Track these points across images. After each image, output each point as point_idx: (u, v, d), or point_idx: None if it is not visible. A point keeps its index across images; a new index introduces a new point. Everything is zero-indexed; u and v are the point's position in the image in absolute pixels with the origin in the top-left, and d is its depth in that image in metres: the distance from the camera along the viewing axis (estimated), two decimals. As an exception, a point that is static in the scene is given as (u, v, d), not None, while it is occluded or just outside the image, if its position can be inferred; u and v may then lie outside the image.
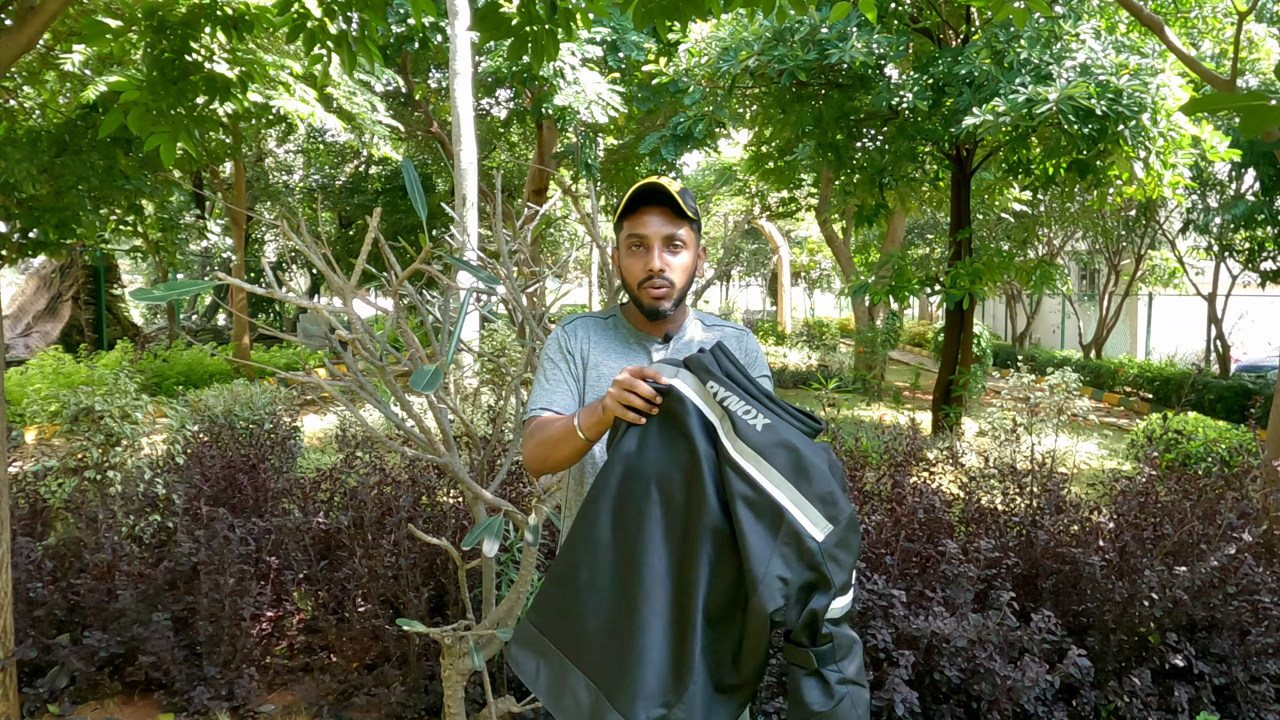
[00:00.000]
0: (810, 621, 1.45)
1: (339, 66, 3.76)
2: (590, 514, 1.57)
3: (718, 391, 1.55)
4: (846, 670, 1.49)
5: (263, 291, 2.11)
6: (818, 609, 1.45)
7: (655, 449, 1.55)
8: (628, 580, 1.52)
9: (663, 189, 1.74)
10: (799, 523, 1.46)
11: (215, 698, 3.26)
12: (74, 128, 9.42)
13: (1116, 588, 3.02)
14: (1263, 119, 1.24)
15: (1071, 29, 7.10)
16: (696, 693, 1.46)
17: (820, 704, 1.47)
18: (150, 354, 13.03)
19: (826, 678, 1.47)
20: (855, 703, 1.49)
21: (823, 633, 1.47)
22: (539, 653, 1.59)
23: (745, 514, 1.47)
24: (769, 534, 1.46)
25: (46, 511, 4.12)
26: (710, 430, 1.54)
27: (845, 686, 1.48)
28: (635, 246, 1.79)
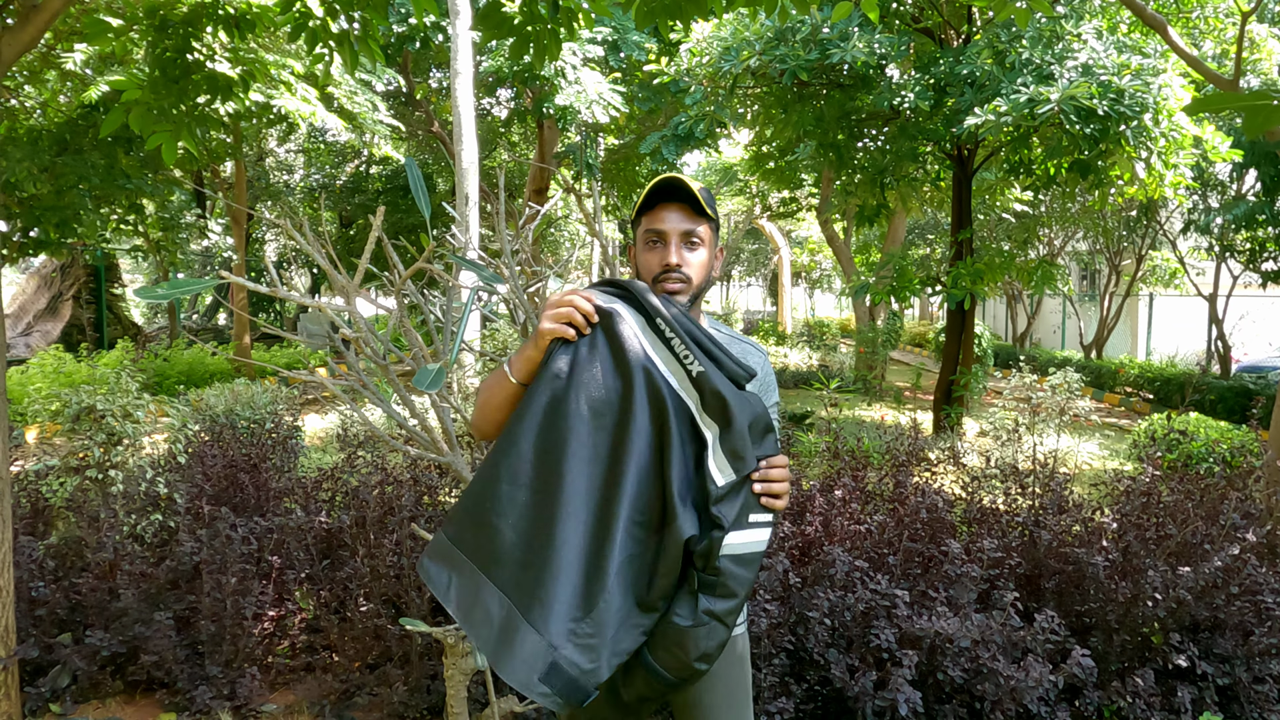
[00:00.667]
0: (707, 551, 1.56)
1: (340, 66, 3.76)
2: (514, 431, 1.59)
3: (664, 329, 1.62)
4: (716, 606, 1.57)
5: (266, 290, 2.10)
6: (715, 539, 1.55)
7: (590, 371, 1.60)
8: (548, 496, 1.55)
9: (682, 184, 1.73)
10: (710, 466, 1.57)
11: (217, 697, 3.26)
12: (75, 127, 9.42)
13: (1120, 588, 3.02)
14: (1266, 119, 1.23)
15: (1073, 29, 7.09)
16: (608, 610, 1.51)
17: (684, 619, 1.57)
18: (151, 353, 13.03)
19: (699, 601, 1.57)
20: (711, 634, 1.57)
21: (714, 564, 1.56)
22: (451, 565, 1.58)
23: (676, 446, 1.56)
24: (692, 468, 1.58)
25: (48, 510, 4.12)
26: (649, 361, 1.61)
27: (708, 618, 1.56)
28: (653, 242, 1.76)
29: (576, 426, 1.57)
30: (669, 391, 1.60)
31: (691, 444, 1.59)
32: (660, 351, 1.63)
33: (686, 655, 1.56)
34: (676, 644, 1.56)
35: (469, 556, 1.57)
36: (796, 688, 2.90)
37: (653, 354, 1.62)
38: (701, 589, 1.56)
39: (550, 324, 1.62)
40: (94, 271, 15.79)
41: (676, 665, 1.57)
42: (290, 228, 2.15)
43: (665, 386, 1.60)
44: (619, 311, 1.63)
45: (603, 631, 1.51)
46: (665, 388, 1.60)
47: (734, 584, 1.58)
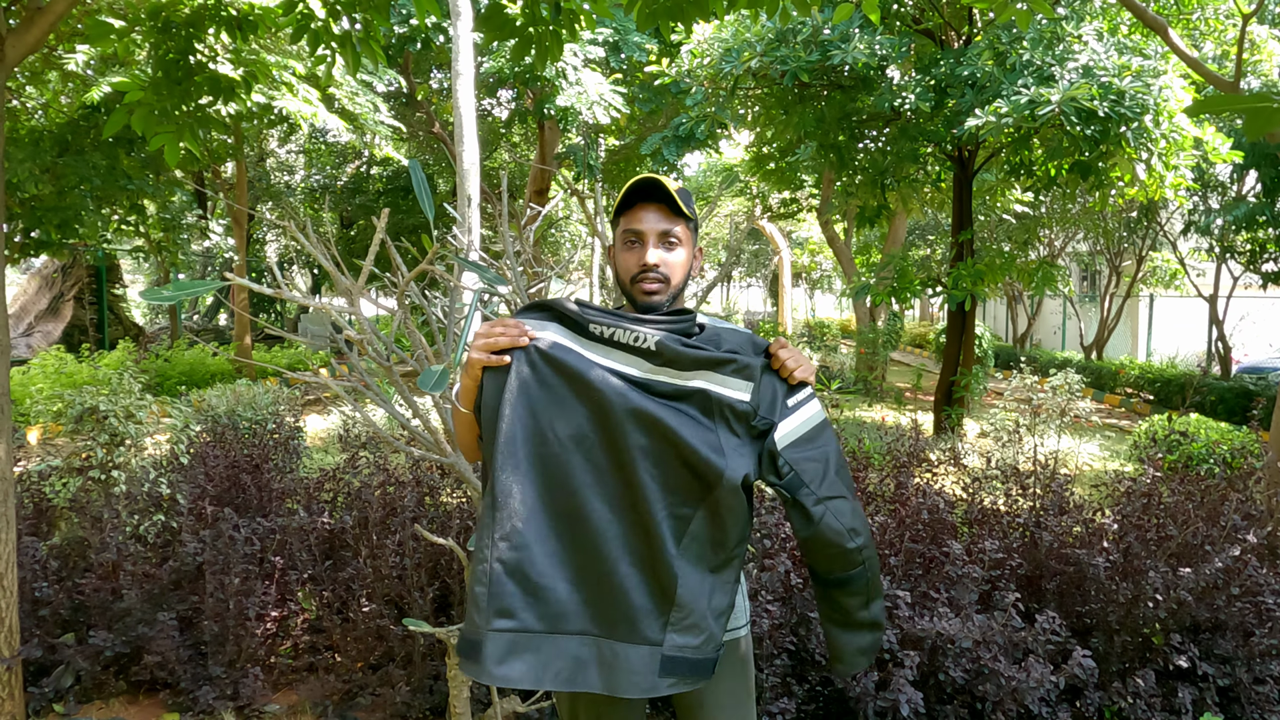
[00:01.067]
0: (770, 461, 1.61)
1: (342, 67, 3.77)
2: (514, 494, 1.55)
3: (601, 330, 1.61)
4: (820, 491, 1.62)
5: (269, 291, 2.11)
6: (771, 449, 1.60)
7: (553, 407, 1.58)
8: (579, 533, 1.55)
9: (659, 184, 1.72)
10: (726, 395, 1.59)
11: (220, 697, 3.27)
12: (76, 128, 9.43)
13: (1120, 589, 3.03)
14: (1267, 121, 1.24)
15: (1074, 30, 7.10)
16: (688, 589, 1.55)
17: (803, 529, 1.63)
18: (152, 354, 13.04)
19: (803, 502, 1.61)
20: (837, 514, 1.63)
21: (779, 465, 1.61)
22: (522, 651, 1.53)
23: (674, 418, 1.56)
24: (705, 420, 1.58)
25: (51, 511, 4.13)
26: (601, 369, 1.59)
27: (821, 505, 1.62)
28: (631, 242, 1.76)
29: (569, 460, 1.56)
30: (635, 384, 1.59)
31: (692, 405, 1.59)
32: (607, 351, 1.61)
33: (843, 540, 1.63)
34: (819, 547, 1.64)
35: (543, 627, 1.54)
36: (798, 688, 2.91)
37: (601, 359, 1.60)
38: (790, 488, 1.62)
39: (478, 354, 1.61)
40: (95, 272, 15.80)
41: (843, 556, 1.64)
42: (294, 229, 2.16)
43: (628, 384, 1.58)
44: (554, 339, 1.61)
45: (693, 607, 1.55)
46: (629, 385, 1.58)
47: (810, 463, 1.63)
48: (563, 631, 1.54)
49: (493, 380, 1.61)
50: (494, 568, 1.53)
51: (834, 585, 1.70)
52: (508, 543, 1.53)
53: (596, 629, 1.54)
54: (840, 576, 1.68)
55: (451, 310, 2.56)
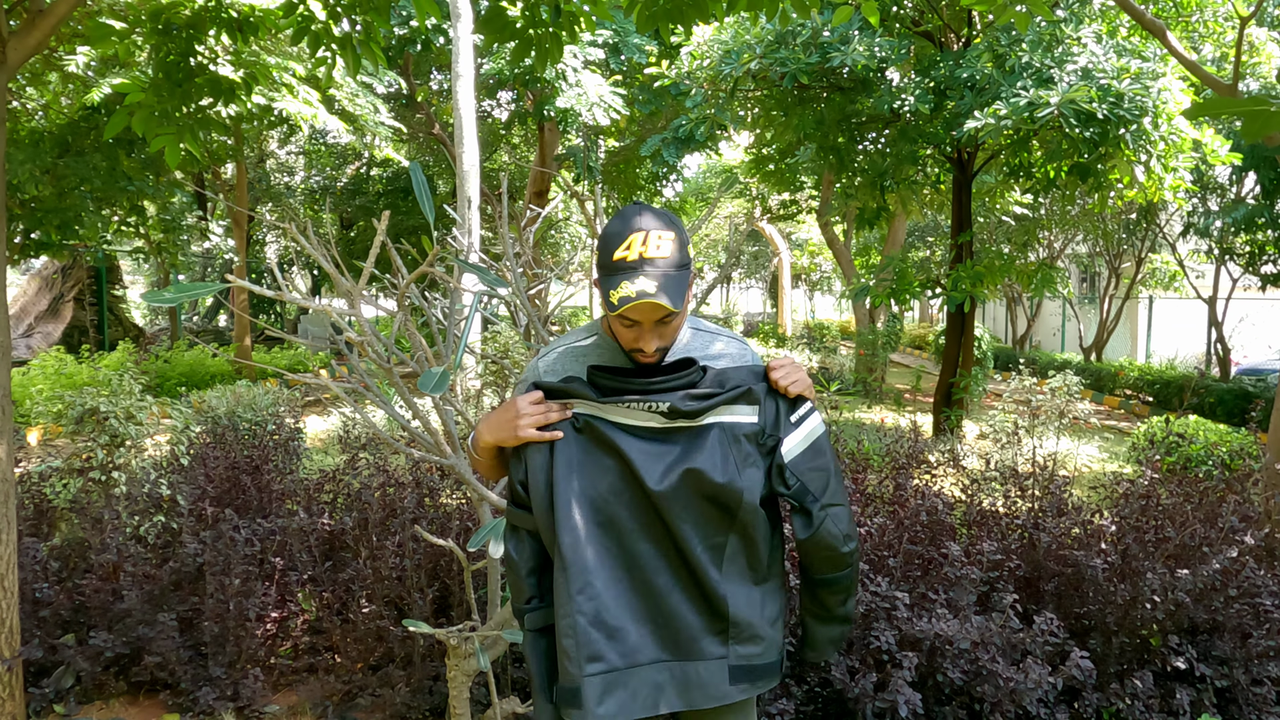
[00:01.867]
0: (779, 473, 1.73)
1: (343, 69, 3.78)
2: (579, 553, 1.67)
3: (614, 399, 1.71)
4: (822, 496, 1.75)
5: (270, 294, 2.12)
6: (780, 463, 1.73)
7: (589, 468, 1.70)
8: (636, 577, 1.71)
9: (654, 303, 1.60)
10: (736, 423, 1.71)
11: (220, 698, 3.27)
12: (77, 129, 9.44)
13: (1118, 590, 3.03)
14: (1265, 124, 1.24)
15: (1073, 33, 7.11)
16: (739, 606, 1.71)
17: (803, 532, 1.75)
18: (152, 355, 13.05)
19: (809, 509, 1.74)
20: (835, 520, 1.76)
21: (787, 477, 1.73)
22: (614, 688, 1.67)
23: (691, 459, 1.67)
24: (719, 449, 1.69)
25: (51, 512, 4.14)
26: (621, 427, 1.70)
27: (824, 511, 1.75)
28: (626, 325, 1.67)
29: (615, 513, 1.69)
30: (655, 433, 1.70)
31: (707, 439, 1.69)
32: (626, 412, 1.70)
33: (838, 545, 1.75)
34: (817, 549, 1.76)
35: (625, 664, 1.68)
36: (797, 689, 2.91)
37: (622, 418, 1.70)
38: (798, 497, 1.74)
39: (531, 430, 1.69)
40: (95, 273, 15.81)
41: (835, 558, 1.77)
42: (294, 230, 2.17)
43: (647, 437, 1.70)
44: (580, 409, 1.73)
45: (749, 620, 1.72)
46: (648, 439, 1.70)
47: (815, 473, 1.75)
48: (640, 664, 1.69)
49: (535, 451, 1.72)
50: (577, 620, 1.65)
51: (821, 585, 1.83)
52: (584, 596, 1.66)
53: (668, 655, 1.71)
54: (829, 577, 1.82)
55: (451, 312, 2.57)
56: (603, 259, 1.67)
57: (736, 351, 1.83)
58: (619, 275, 1.62)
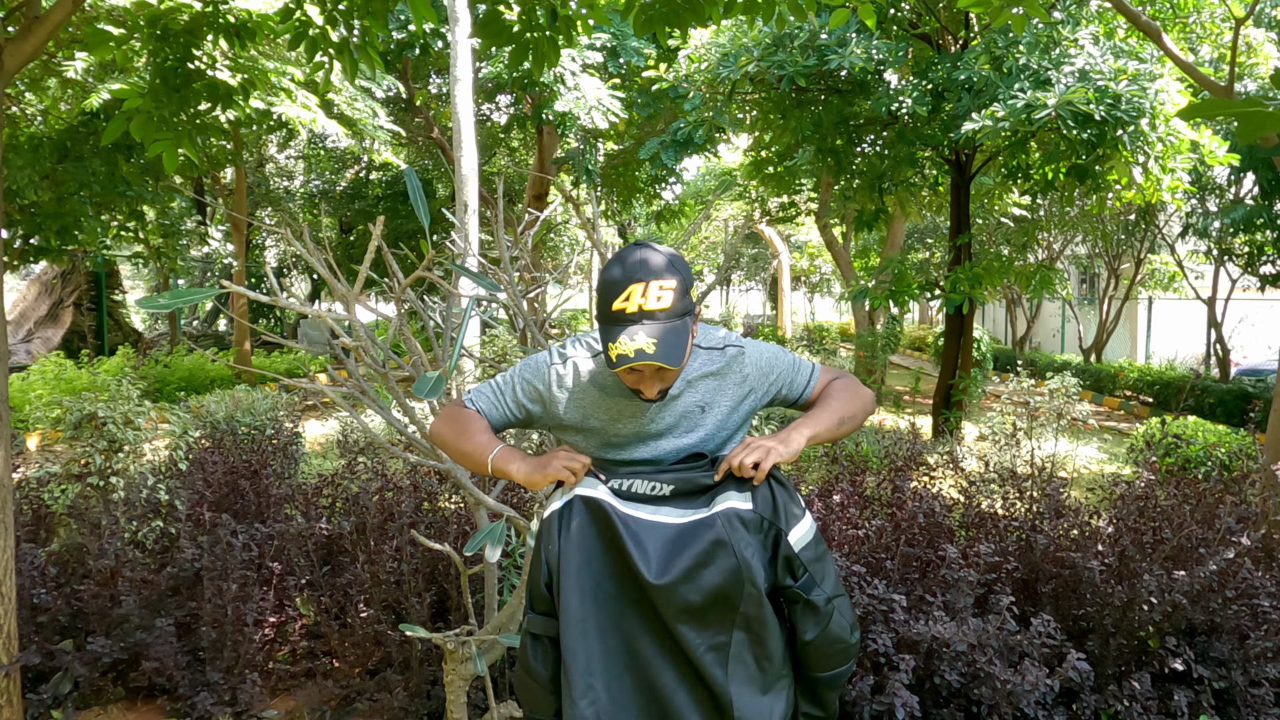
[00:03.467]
0: (787, 564, 1.68)
1: (340, 73, 3.78)
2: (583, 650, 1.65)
3: (620, 484, 1.73)
4: (827, 589, 1.71)
5: (266, 299, 2.12)
6: (788, 553, 1.67)
7: (600, 558, 1.69)
8: (638, 678, 1.67)
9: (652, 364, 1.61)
10: (734, 509, 1.66)
11: (218, 703, 3.27)
12: (76, 134, 9.46)
13: (1116, 592, 3.03)
14: (1260, 124, 1.24)
15: (1070, 34, 7.12)
16: (745, 709, 1.64)
17: (812, 630, 1.69)
18: (152, 360, 13.05)
19: (814, 602, 1.68)
20: (842, 612, 1.72)
21: (796, 568, 1.68)
22: None
23: (694, 554, 1.64)
24: (721, 538, 1.64)
25: (50, 517, 4.14)
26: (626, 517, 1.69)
27: (830, 604, 1.70)
28: (628, 373, 1.68)
29: (620, 611, 1.67)
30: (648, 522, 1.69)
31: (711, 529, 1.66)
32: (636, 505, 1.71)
33: (845, 640, 1.72)
34: (828, 645, 1.70)
35: None
36: (795, 692, 2.91)
37: (634, 511, 1.70)
38: (805, 589, 1.69)
39: (563, 470, 1.68)
40: (95, 278, 15.81)
41: (846, 650, 1.73)
42: (290, 235, 2.17)
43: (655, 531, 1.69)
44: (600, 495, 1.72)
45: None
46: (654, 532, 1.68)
47: (821, 566, 1.72)
48: None
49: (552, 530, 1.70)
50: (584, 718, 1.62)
51: (826, 683, 1.76)
52: (586, 700, 1.62)
53: None
54: (836, 672, 1.75)
55: (448, 316, 2.57)
56: (601, 308, 1.64)
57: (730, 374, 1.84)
58: (617, 328, 1.59)
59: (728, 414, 1.83)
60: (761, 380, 1.85)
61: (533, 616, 1.73)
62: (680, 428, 1.80)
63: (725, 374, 1.82)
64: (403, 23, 10.46)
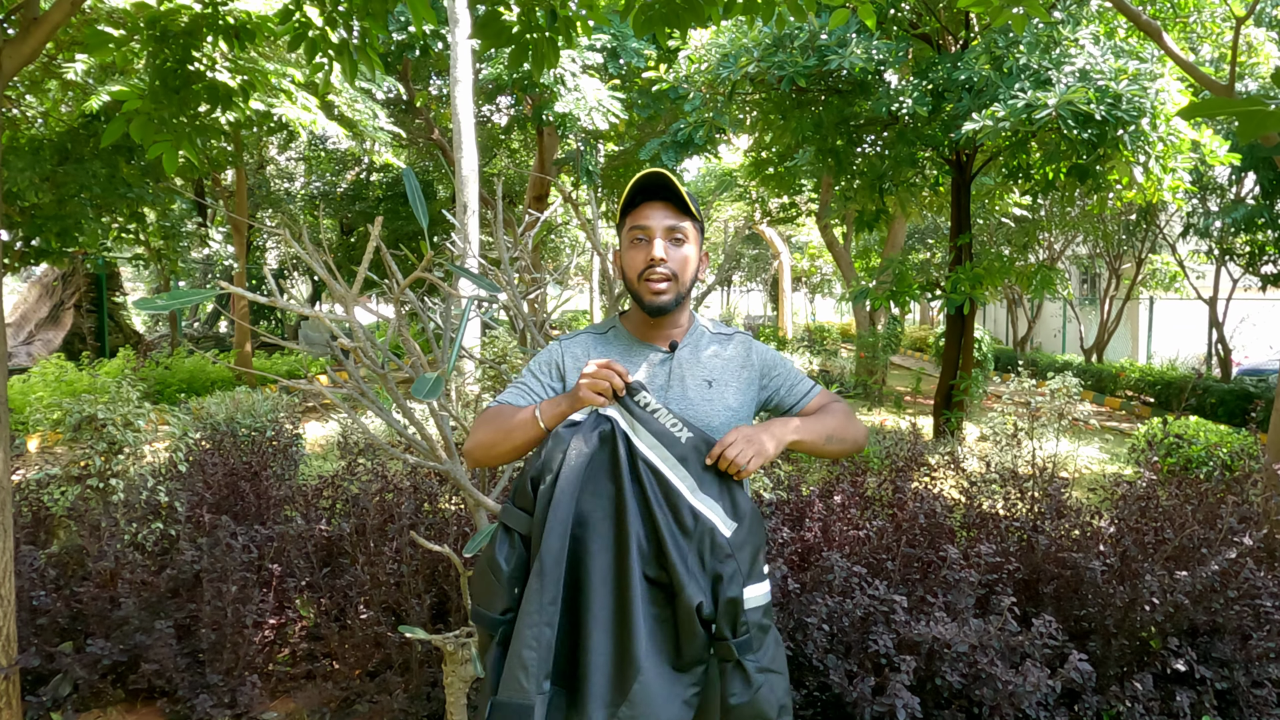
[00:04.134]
0: (730, 610, 1.57)
1: (340, 75, 3.78)
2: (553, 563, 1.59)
3: (649, 402, 1.67)
4: (763, 659, 1.61)
5: (265, 300, 2.12)
6: (735, 596, 1.57)
7: (588, 480, 1.63)
8: (579, 608, 1.60)
9: (666, 180, 1.72)
10: (712, 521, 1.60)
11: (218, 705, 3.27)
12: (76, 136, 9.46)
13: (1117, 592, 3.03)
14: (1260, 123, 1.24)
15: (1070, 34, 7.11)
16: (644, 690, 1.53)
17: (740, 695, 1.58)
18: (152, 361, 13.05)
19: (746, 667, 1.58)
20: (773, 688, 1.61)
21: (741, 621, 1.58)
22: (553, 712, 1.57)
23: (669, 520, 1.60)
24: (687, 535, 1.59)
25: (49, 520, 4.13)
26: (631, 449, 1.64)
27: (763, 675, 1.60)
28: (637, 239, 1.76)
29: (589, 539, 1.60)
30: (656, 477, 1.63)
31: (684, 518, 1.61)
32: (647, 436, 1.66)
33: (771, 715, 1.60)
34: (753, 715, 1.59)
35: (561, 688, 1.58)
36: (795, 693, 2.91)
37: (640, 445, 1.65)
38: (741, 652, 1.58)
39: (587, 392, 1.63)
40: (95, 280, 15.82)
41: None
42: (290, 236, 2.17)
43: (649, 478, 1.63)
44: (613, 414, 1.67)
45: (643, 710, 1.52)
46: (648, 482, 1.63)
47: (764, 636, 1.63)
48: (554, 683, 1.58)
49: (557, 450, 1.65)
50: (544, 633, 1.55)
51: None
52: (554, 607, 1.56)
53: (567, 688, 1.59)
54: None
55: (447, 317, 2.57)
56: (624, 199, 1.78)
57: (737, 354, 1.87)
58: (636, 193, 1.76)
59: (737, 396, 1.84)
60: (766, 372, 1.89)
61: (509, 508, 1.68)
62: (690, 399, 1.80)
63: (732, 354, 1.87)
64: (402, 24, 10.47)
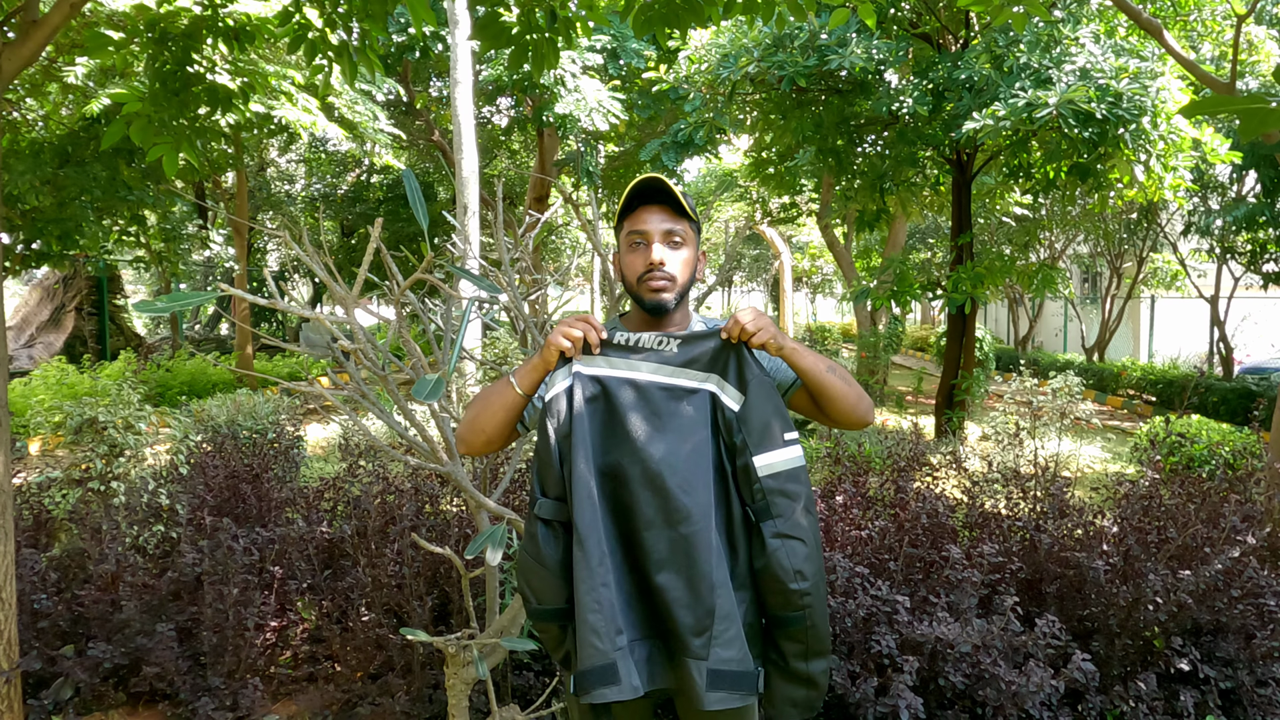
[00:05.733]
0: (744, 477, 1.67)
1: (340, 76, 3.78)
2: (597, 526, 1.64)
3: (628, 338, 1.73)
4: (780, 525, 1.66)
5: (264, 302, 2.11)
6: (745, 464, 1.66)
7: (603, 434, 1.70)
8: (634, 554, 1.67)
9: (662, 184, 1.75)
10: (722, 400, 1.70)
11: (219, 708, 3.26)
12: (77, 139, 9.46)
13: (1120, 592, 3.02)
14: (1262, 121, 1.23)
15: (1070, 33, 7.10)
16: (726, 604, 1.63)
17: (757, 558, 1.67)
18: (153, 364, 13.05)
19: (763, 531, 1.66)
20: (791, 553, 1.66)
21: (755, 489, 1.66)
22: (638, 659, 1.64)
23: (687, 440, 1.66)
24: (708, 431, 1.68)
25: (51, 523, 4.13)
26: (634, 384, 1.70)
27: (779, 540, 1.66)
28: (636, 243, 1.79)
29: (622, 489, 1.66)
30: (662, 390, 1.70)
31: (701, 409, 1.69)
32: (632, 364, 1.72)
33: (786, 580, 1.64)
34: (769, 579, 1.66)
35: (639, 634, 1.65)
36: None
37: (631, 374, 1.71)
38: (759, 518, 1.66)
39: (560, 338, 1.70)
40: (96, 283, 15.83)
41: (785, 595, 1.65)
42: (290, 238, 2.16)
43: (655, 395, 1.70)
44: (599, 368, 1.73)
45: (732, 620, 1.61)
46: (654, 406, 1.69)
47: (782, 500, 1.67)
48: (643, 638, 1.66)
49: (556, 406, 1.70)
50: (601, 594, 1.60)
51: (775, 625, 1.72)
52: (604, 567, 1.62)
53: (660, 637, 1.66)
54: (780, 616, 1.70)
55: (448, 318, 2.56)
56: (621, 204, 1.82)
57: None
58: (633, 198, 1.78)
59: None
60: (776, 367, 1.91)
61: (544, 501, 1.71)
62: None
63: None
64: (402, 25, 10.46)
